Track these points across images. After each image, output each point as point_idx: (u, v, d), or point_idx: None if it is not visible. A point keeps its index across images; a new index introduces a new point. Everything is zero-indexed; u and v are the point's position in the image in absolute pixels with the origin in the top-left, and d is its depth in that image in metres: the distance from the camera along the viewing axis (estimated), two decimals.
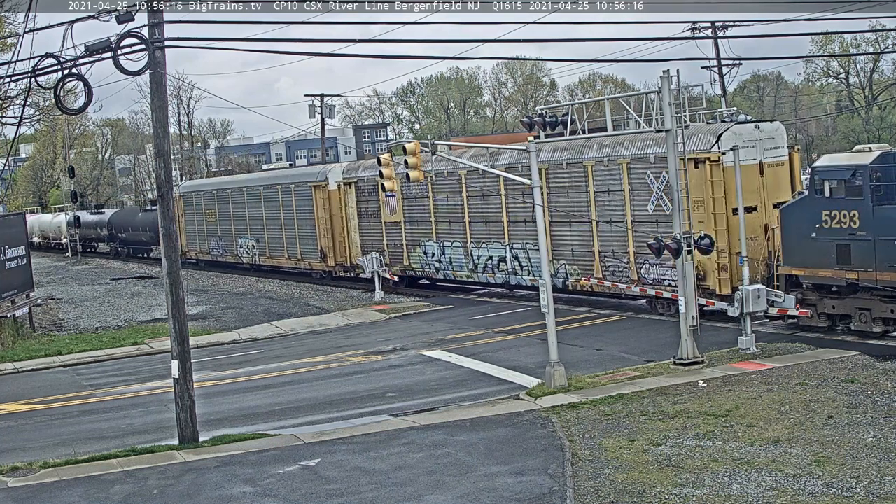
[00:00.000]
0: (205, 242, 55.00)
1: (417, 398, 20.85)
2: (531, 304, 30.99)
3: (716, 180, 25.60)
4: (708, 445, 15.50)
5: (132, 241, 66.25)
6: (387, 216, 38.76)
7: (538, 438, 16.73)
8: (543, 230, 21.45)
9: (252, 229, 49.27)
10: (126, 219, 67.85)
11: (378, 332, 30.01)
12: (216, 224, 53.18)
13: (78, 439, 19.47)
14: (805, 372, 19.82)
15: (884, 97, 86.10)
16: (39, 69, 17.54)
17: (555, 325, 20.75)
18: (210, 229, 53.99)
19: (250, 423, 19.75)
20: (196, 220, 55.50)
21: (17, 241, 35.42)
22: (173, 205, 18.73)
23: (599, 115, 24.88)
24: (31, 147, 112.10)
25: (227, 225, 51.86)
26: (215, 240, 53.51)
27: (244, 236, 50.21)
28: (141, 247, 66.04)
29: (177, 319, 18.34)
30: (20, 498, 15.58)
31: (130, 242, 67.04)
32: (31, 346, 31.60)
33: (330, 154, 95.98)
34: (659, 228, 26.11)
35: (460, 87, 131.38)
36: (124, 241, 67.59)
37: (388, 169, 22.38)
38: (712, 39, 51.66)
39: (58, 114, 47.53)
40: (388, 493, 14.40)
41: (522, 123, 25.52)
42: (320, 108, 63.18)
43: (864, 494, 12.86)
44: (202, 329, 32.52)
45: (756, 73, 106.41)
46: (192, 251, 56.38)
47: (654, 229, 26.26)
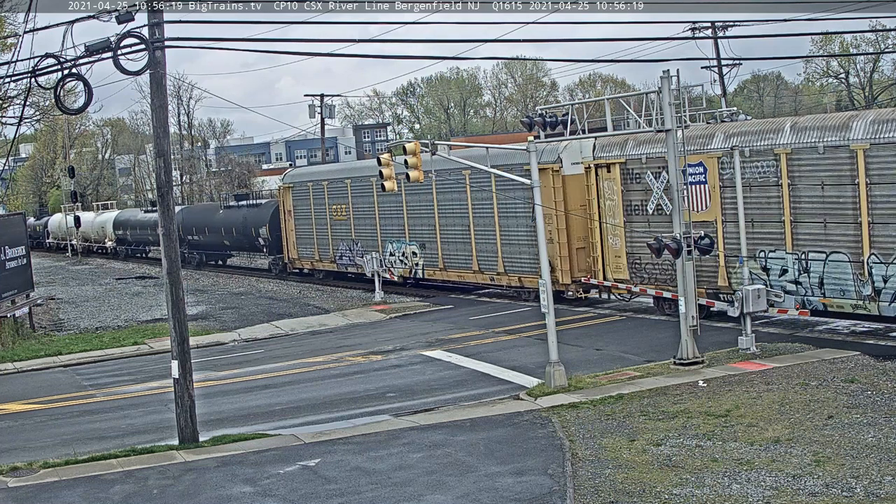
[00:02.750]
0: (326, 248, 43.01)
1: (417, 398, 20.85)
2: (531, 304, 31.00)
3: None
4: (708, 445, 15.50)
5: (207, 245, 55.05)
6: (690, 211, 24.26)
7: (538, 438, 16.72)
8: (543, 230, 21.42)
9: (413, 231, 37.27)
10: (200, 217, 55.78)
11: (378, 332, 30.01)
12: (348, 223, 41.26)
13: (78, 439, 19.48)
14: (805, 372, 19.81)
15: (884, 97, 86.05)
16: (39, 69, 17.54)
17: (555, 325, 20.75)
18: (337, 231, 42.05)
19: (250, 423, 19.74)
20: (315, 219, 43.54)
21: (18, 241, 35.45)
22: (173, 205, 18.73)
23: (599, 115, 24.86)
24: (31, 147, 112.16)
25: (369, 225, 39.95)
26: (345, 244, 41.62)
27: (397, 240, 38.29)
28: (220, 253, 56.28)
29: (177, 319, 18.34)
30: (20, 498, 15.58)
31: (204, 247, 55.57)
32: (31, 346, 31.62)
33: (330, 154, 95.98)
34: (655, 229, 26.08)
35: (460, 87, 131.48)
36: (196, 245, 55.87)
37: (388, 169, 22.32)
38: (712, 39, 51.71)
39: (58, 114, 47.52)
40: (388, 493, 14.40)
41: (522, 123, 25.49)
42: (320, 108, 63.19)
43: (864, 494, 12.85)
44: (202, 329, 32.53)
45: (756, 73, 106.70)
46: (305, 259, 44.90)
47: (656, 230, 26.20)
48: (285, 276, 46.87)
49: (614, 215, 28.50)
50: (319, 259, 43.43)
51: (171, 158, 19.43)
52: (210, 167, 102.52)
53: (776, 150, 23.80)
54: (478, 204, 33.74)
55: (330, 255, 42.67)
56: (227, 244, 52.65)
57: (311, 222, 43.68)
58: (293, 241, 45.20)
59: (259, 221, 48.23)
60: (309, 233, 44.04)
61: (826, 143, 22.72)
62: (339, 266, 42.13)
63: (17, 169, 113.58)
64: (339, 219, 41.70)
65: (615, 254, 28.58)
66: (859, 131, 22.03)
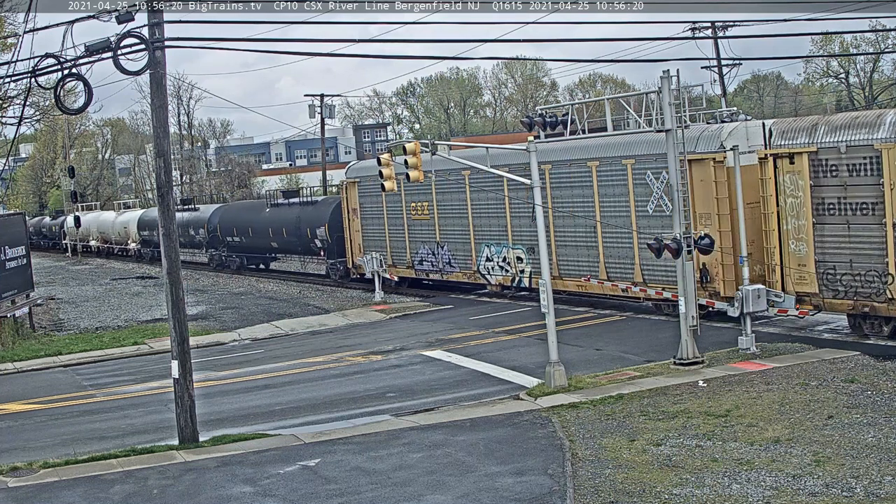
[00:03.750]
0: (401, 252, 38.00)
1: (417, 398, 20.85)
2: (531, 304, 30.99)
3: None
4: (708, 445, 15.50)
5: (250, 247, 49.84)
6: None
7: (538, 438, 16.72)
8: (543, 229, 21.41)
9: (518, 233, 32.29)
10: (241, 217, 50.51)
11: (378, 332, 30.01)
12: (431, 223, 36.08)
13: (78, 439, 19.47)
14: (805, 372, 19.81)
15: (884, 97, 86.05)
16: (39, 69, 17.54)
17: (555, 325, 20.75)
18: (416, 232, 36.86)
19: (250, 423, 19.74)
20: (388, 218, 38.31)
21: (18, 241, 35.48)
22: (173, 205, 18.73)
23: (599, 115, 24.87)
24: (31, 147, 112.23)
25: (459, 225, 34.83)
26: (426, 248, 36.59)
27: (496, 243, 33.45)
28: (263, 256, 50.38)
29: (177, 319, 18.34)
30: (20, 498, 15.58)
31: (246, 250, 50.46)
32: (31, 346, 31.62)
33: (330, 154, 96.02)
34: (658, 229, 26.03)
35: (460, 87, 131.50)
36: (236, 247, 50.99)
37: (388, 169, 22.31)
38: (712, 39, 51.71)
39: (58, 114, 47.50)
40: (388, 493, 14.40)
41: (522, 123, 25.48)
42: (320, 108, 63.20)
43: (864, 494, 12.85)
44: (202, 329, 32.53)
45: (756, 73, 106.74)
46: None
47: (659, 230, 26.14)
48: (347, 282, 41.91)
49: (798, 216, 23.48)
50: (393, 264, 38.28)
51: (171, 158, 19.43)
52: (210, 167, 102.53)
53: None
54: (609, 202, 28.71)
55: (406, 259, 37.74)
56: (275, 246, 47.22)
57: (383, 222, 38.60)
58: (359, 243, 40.06)
59: (316, 221, 42.90)
60: (379, 234, 38.91)
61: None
62: (418, 272, 37.19)
63: (17, 169, 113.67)
64: (420, 218, 36.49)
65: (798, 262, 23.54)
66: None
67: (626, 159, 27.90)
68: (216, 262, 53.47)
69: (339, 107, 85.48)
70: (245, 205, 56.91)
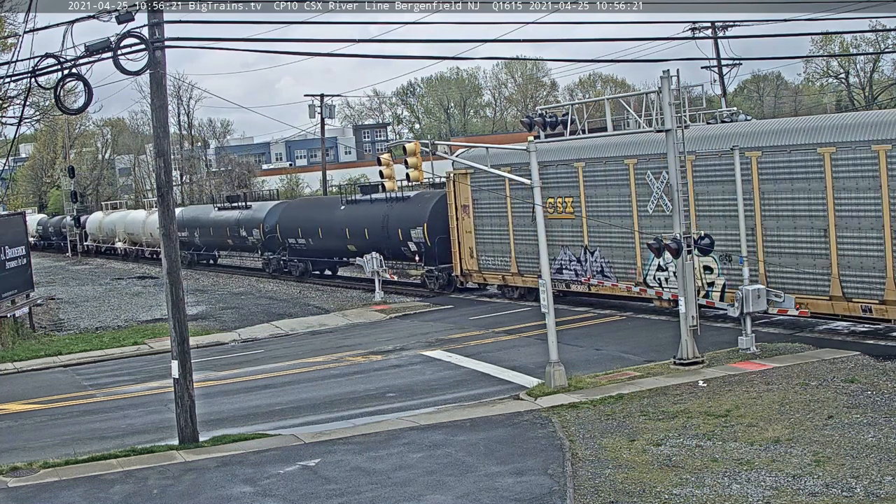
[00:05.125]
0: (530, 257, 31.46)
1: (417, 398, 20.85)
2: (531, 304, 30.98)
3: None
4: (708, 445, 15.50)
5: (320, 251, 43.24)
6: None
7: (538, 438, 16.72)
8: (544, 231, 21.40)
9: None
10: (309, 216, 44.05)
11: (378, 332, 30.01)
12: (577, 223, 30.10)
13: (78, 439, 19.48)
14: (805, 372, 19.81)
15: (884, 97, 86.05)
16: (39, 69, 17.53)
17: (555, 325, 20.75)
18: (555, 234, 29.99)
19: (250, 423, 19.74)
20: (512, 217, 32.48)
21: (18, 241, 35.48)
22: (173, 205, 18.73)
23: (599, 115, 24.86)
24: (31, 147, 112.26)
25: (619, 227, 28.47)
26: (568, 253, 30.51)
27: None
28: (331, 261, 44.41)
29: (177, 319, 18.34)
30: (20, 498, 15.58)
31: (314, 253, 43.80)
32: (31, 346, 31.63)
33: (330, 154, 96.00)
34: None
35: (460, 87, 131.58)
36: (300, 250, 44.52)
37: (388, 169, 22.34)
38: (712, 39, 51.70)
39: (58, 114, 47.54)
40: (388, 493, 14.40)
41: (522, 123, 25.46)
42: (320, 108, 63.20)
43: (864, 494, 12.85)
44: (202, 329, 32.53)
45: (756, 73, 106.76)
46: (492, 272, 33.81)
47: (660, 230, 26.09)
48: (450, 292, 36.35)
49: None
50: (518, 272, 32.49)
51: (171, 158, 19.42)
52: (210, 167, 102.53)
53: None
54: (845, 199, 22.72)
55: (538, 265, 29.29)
56: (353, 249, 40.32)
57: (506, 221, 32.76)
58: (470, 246, 34.27)
59: (411, 220, 36.92)
60: (499, 236, 33.11)
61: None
62: (556, 282, 29.89)
63: (17, 169, 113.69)
64: (561, 216, 30.45)
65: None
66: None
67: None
68: (273, 267, 47.10)
69: (339, 107, 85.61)
70: (311, 201, 50.84)
